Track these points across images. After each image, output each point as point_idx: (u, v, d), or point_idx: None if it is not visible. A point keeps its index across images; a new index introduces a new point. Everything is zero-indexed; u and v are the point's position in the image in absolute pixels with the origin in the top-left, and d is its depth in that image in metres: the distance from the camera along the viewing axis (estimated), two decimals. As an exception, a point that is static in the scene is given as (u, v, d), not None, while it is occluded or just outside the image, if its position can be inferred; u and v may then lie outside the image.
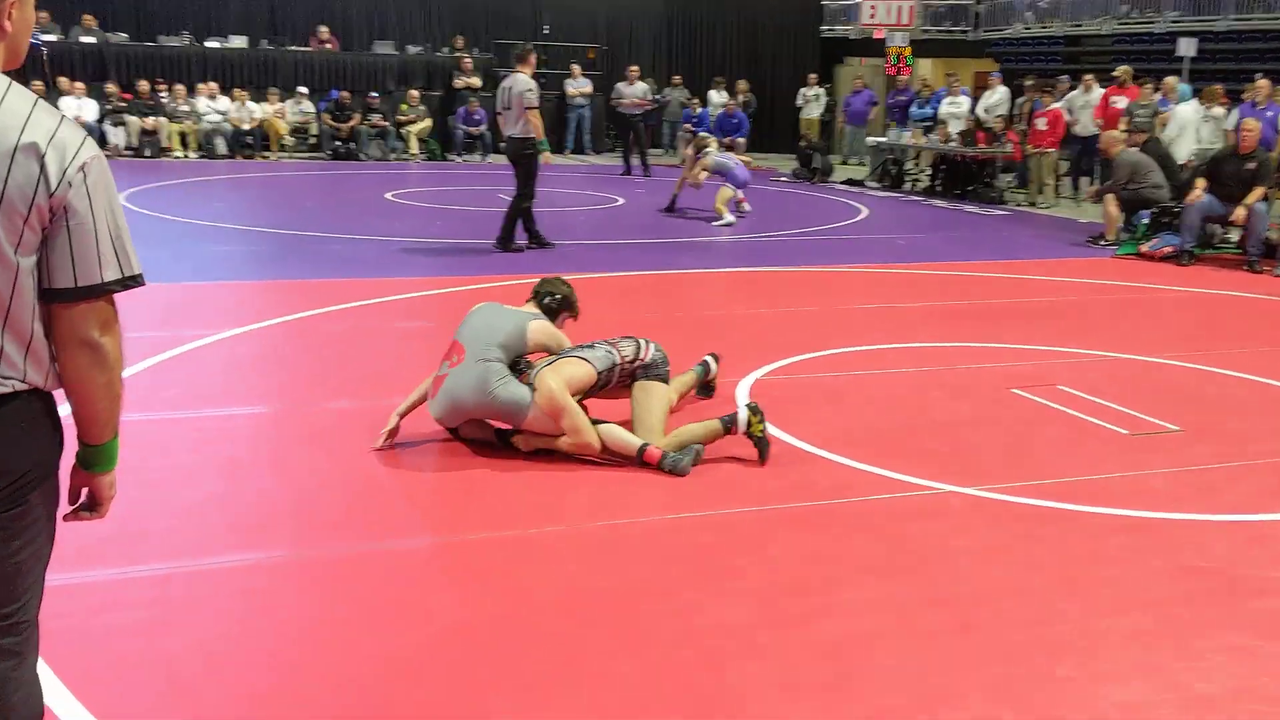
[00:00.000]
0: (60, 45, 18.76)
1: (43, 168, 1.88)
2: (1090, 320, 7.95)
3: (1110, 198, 11.43)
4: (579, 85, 21.46)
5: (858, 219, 13.51)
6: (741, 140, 20.06)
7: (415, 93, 19.73)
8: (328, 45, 20.81)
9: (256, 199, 13.50)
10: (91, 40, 19.12)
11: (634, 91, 18.01)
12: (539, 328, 4.84)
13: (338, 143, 18.83)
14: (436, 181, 16.33)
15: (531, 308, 5.06)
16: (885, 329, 7.40)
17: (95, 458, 2.09)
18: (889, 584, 3.67)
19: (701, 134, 15.13)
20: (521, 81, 9.86)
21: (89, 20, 19.58)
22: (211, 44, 20.02)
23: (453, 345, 4.73)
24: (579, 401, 4.72)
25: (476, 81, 20.59)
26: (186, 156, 18.05)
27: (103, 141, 17.64)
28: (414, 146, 19.29)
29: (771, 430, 5.11)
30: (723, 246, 11.03)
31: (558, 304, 5.13)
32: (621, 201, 14.56)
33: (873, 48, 22.54)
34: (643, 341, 4.97)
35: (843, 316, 7.79)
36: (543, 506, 4.22)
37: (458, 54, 21.12)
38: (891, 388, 6.01)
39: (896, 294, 8.70)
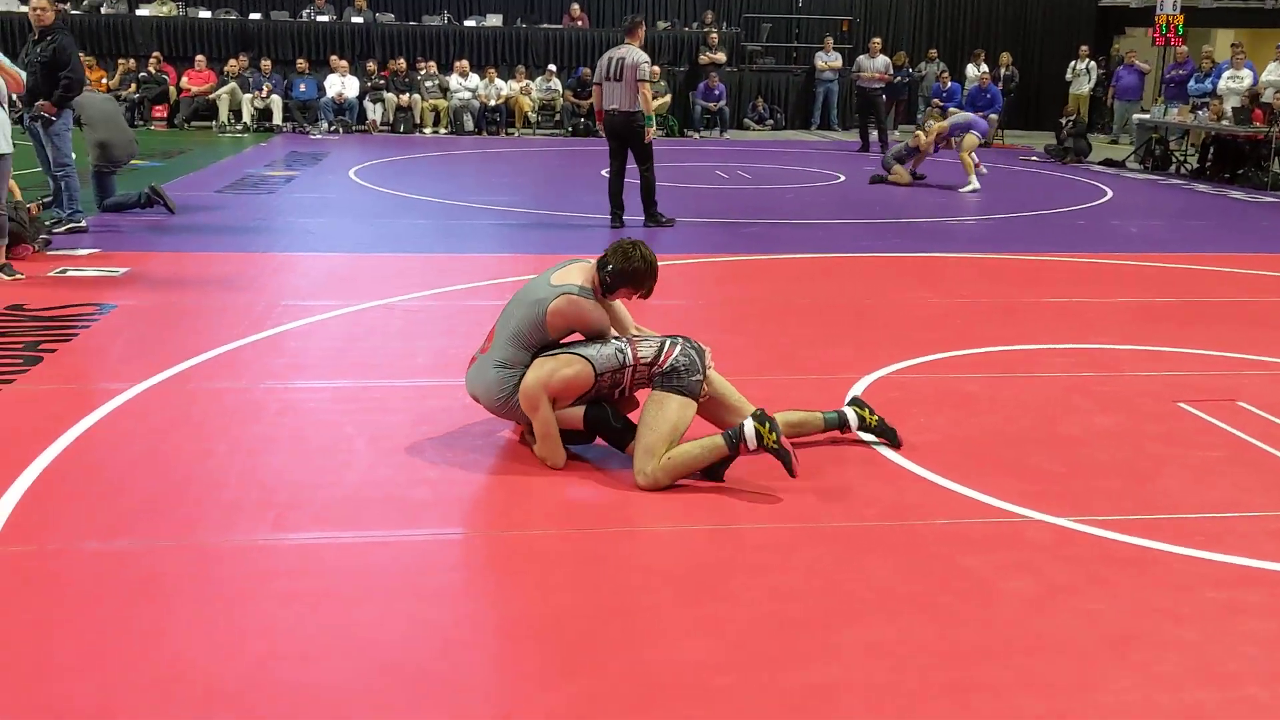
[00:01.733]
0: (333, 25, 19.93)
1: None
2: (1321, 326, 6.84)
3: (1394, 183, 9.86)
4: (828, 59, 20.84)
5: (1098, 202, 12.34)
6: (994, 117, 18.88)
7: (656, 69, 19.63)
8: (579, 23, 21.10)
9: (476, 174, 13.81)
10: (359, 20, 20.19)
11: (874, 65, 17.21)
12: (559, 309, 4.22)
13: (578, 119, 19.06)
14: (662, 158, 16.16)
15: (584, 278, 4.36)
16: (1062, 326, 6.63)
17: None
18: (901, 627, 3.18)
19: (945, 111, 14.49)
20: (636, 54, 9.60)
21: (360, 2, 20.70)
22: (469, 23, 20.72)
23: (493, 326, 4.47)
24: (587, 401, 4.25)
25: (721, 57, 20.35)
26: (437, 132, 18.77)
27: (361, 117, 18.64)
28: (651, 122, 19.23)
29: (866, 436, 4.64)
30: (923, 228, 10.30)
31: (612, 278, 4.34)
32: (842, 179, 13.95)
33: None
34: (669, 342, 4.24)
35: (1020, 309, 7.04)
36: (554, 505, 3.94)
37: (706, 29, 20.93)
38: (1034, 394, 5.33)
39: (1094, 287, 7.81)
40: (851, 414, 4.60)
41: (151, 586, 3.29)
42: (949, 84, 19.36)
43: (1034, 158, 17.04)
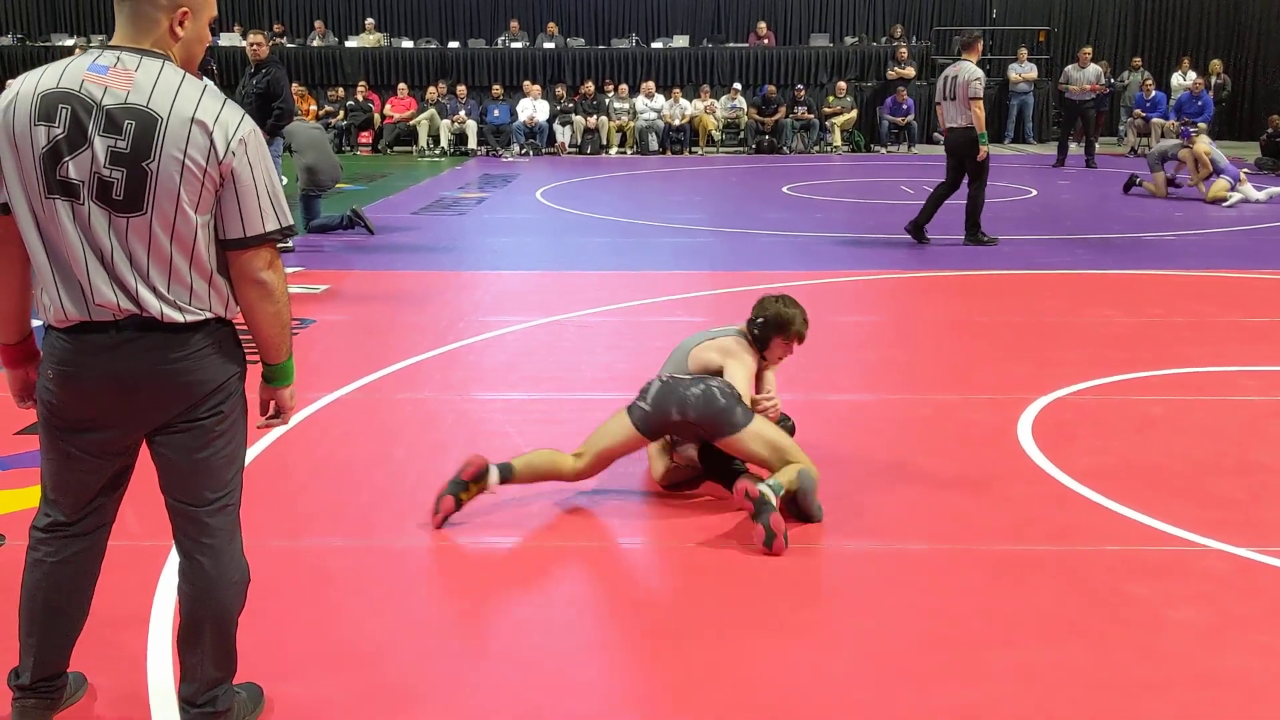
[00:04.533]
0: (526, 51, 20.60)
1: (212, 141, 2.31)
2: None
3: None
4: (1023, 70, 20.22)
5: (1315, 216, 11.58)
6: (1203, 125, 17.94)
7: (843, 84, 19.55)
8: (765, 41, 21.15)
9: (658, 193, 14.01)
10: (551, 46, 20.80)
11: (1085, 76, 16.62)
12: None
13: (761, 136, 19.09)
14: (846, 174, 16.09)
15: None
16: (1261, 346, 6.26)
17: (275, 374, 2.56)
18: (1057, 653, 3.09)
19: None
20: (967, 70, 9.60)
21: (552, 27, 21.33)
22: (656, 45, 21.05)
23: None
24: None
25: (910, 72, 20.03)
26: (623, 153, 19.12)
27: (550, 139, 19.18)
28: (837, 138, 19.12)
29: (1038, 460, 4.52)
30: (1118, 244, 9.86)
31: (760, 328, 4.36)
32: (1034, 194, 13.52)
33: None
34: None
35: (1215, 329, 6.68)
36: (709, 519, 3.99)
37: (895, 43, 20.65)
38: (1224, 417, 5.07)
39: (1304, 306, 7.34)
40: None
41: (327, 582, 3.50)
42: (1153, 93, 18.50)
43: (1245, 170, 16.07)
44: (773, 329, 4.32)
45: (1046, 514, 4.03)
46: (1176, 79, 19.19)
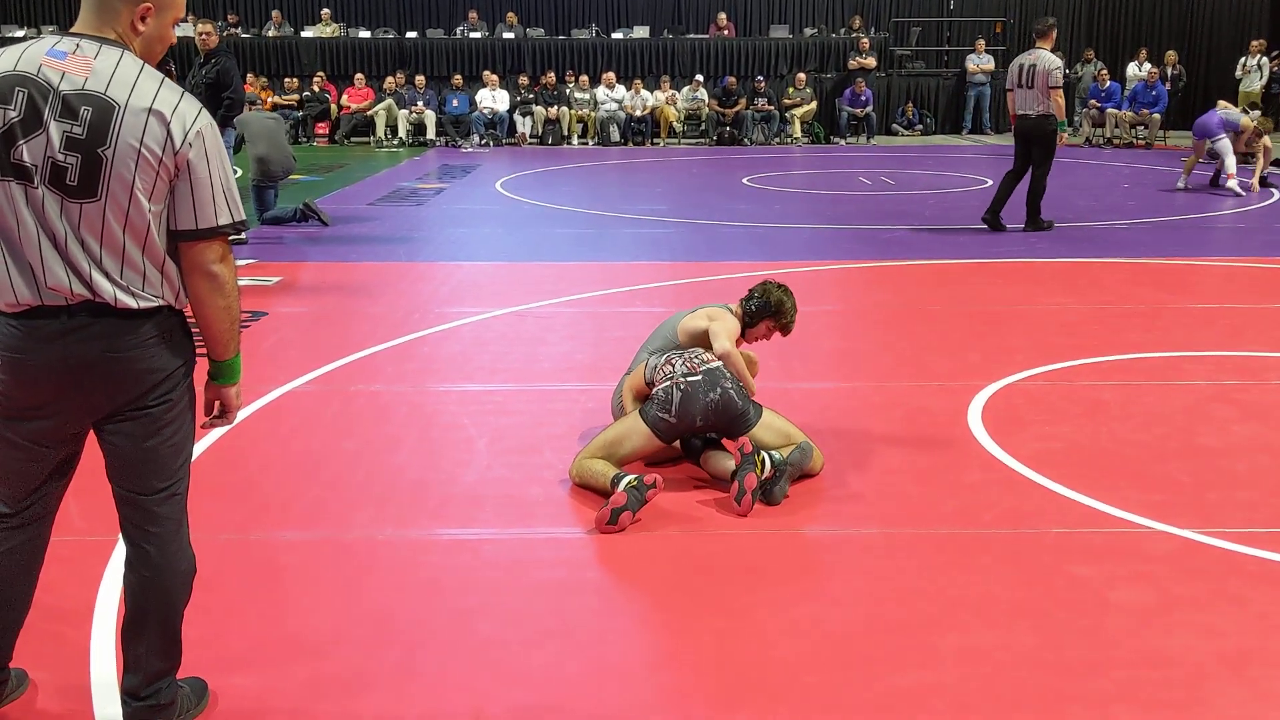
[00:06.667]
0: (485, 41, 20.49)
1: (169, 131, 2.30)
2: None
3: None
4: (980, 62, 20.35)
5: (1265, 204, 11.74)
6: (1156, 116, 18.19)
7: (802, 75, 19.59)
8: (725, 32, 21.16)
9: (620, 184, 14.00)
10: (511, 36, 20.70)
11: None
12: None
13: (722, 128, 19.11)
14: (806, 165, 16.15)
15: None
16: (1209, 332, 6.36)
17: (222, 371, 2.54)
18: (1002, 634, 3.12)
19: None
20: (1047, 59, 9.78)
21: (511, 18, 21.21)
22: (616, 35, 21.01)
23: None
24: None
25: (871, 62, 20.08)
26: (586, 144, 19.07)
27: (511, 130, 19.10)
28: (797, 130, 19.17)
29: (988, 445, 4.57)
30: (1071, 233, 9.96)
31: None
32: (989, 184, 13.60)
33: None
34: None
35: (1165, 315, 6.78)
36: (662, 506, 3.99)
37: (854, 34, 20.72)
38: (1171, 402, 5.14)
39: (1247, 292, 7.45)
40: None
41: (275, 575, 3.48)
42: (1108, 83, 18.71)
43: (1201, 160, 16.27)
44: (768, 311, 4.49)
45: (994, 498, 4.07)
46: (1132, 69, 19.41)
